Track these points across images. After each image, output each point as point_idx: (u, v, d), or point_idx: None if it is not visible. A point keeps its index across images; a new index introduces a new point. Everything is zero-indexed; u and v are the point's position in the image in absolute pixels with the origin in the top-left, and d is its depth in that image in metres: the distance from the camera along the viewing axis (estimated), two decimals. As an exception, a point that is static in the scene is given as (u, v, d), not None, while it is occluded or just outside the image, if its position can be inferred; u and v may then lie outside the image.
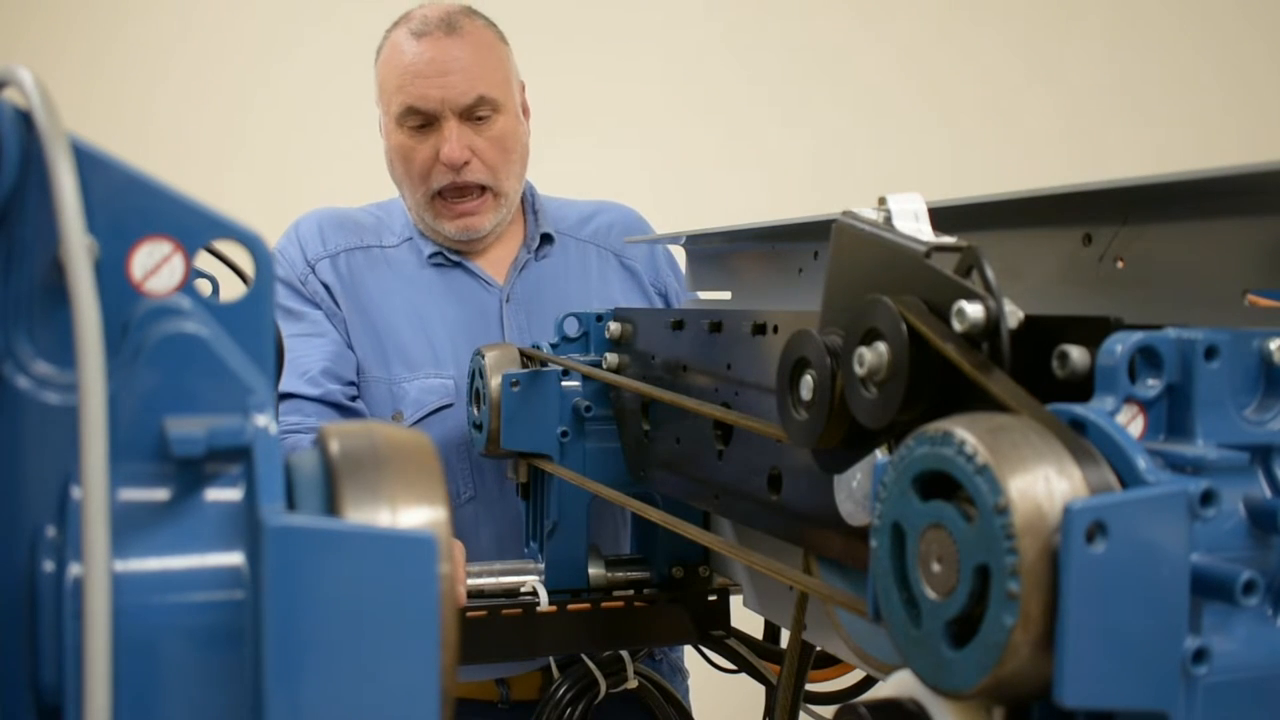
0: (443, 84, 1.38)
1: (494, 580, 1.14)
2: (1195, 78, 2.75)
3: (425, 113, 1.39)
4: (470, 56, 1.40)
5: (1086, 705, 0.42)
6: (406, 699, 0.39)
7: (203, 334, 0.43)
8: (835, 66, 2.79)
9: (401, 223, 1.50)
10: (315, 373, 1.37)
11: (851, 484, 0.70)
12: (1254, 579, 0.42)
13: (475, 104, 1.39)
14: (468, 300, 1.46)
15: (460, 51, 1.40)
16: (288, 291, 1.45)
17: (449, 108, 1.38)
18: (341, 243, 1.48)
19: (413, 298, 1.45)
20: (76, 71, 2.52)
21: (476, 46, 1.42)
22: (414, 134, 1.41)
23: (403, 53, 1.40)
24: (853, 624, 0.84)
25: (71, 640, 0.39)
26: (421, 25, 1.40)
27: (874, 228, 0.61)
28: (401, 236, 1.50)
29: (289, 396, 1.36)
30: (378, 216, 1.53)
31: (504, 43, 1.48)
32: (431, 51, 1.39)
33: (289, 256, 1.47)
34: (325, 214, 1.52)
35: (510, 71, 1.47)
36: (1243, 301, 0.60)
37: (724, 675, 1.26)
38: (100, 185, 0.43)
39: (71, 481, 0.41)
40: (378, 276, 1.47)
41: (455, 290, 1.46)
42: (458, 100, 1.38)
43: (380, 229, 1.51)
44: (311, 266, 1.45)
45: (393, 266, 1.47)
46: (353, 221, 1.51)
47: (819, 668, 1.13)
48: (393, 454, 0.44)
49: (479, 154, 1.41)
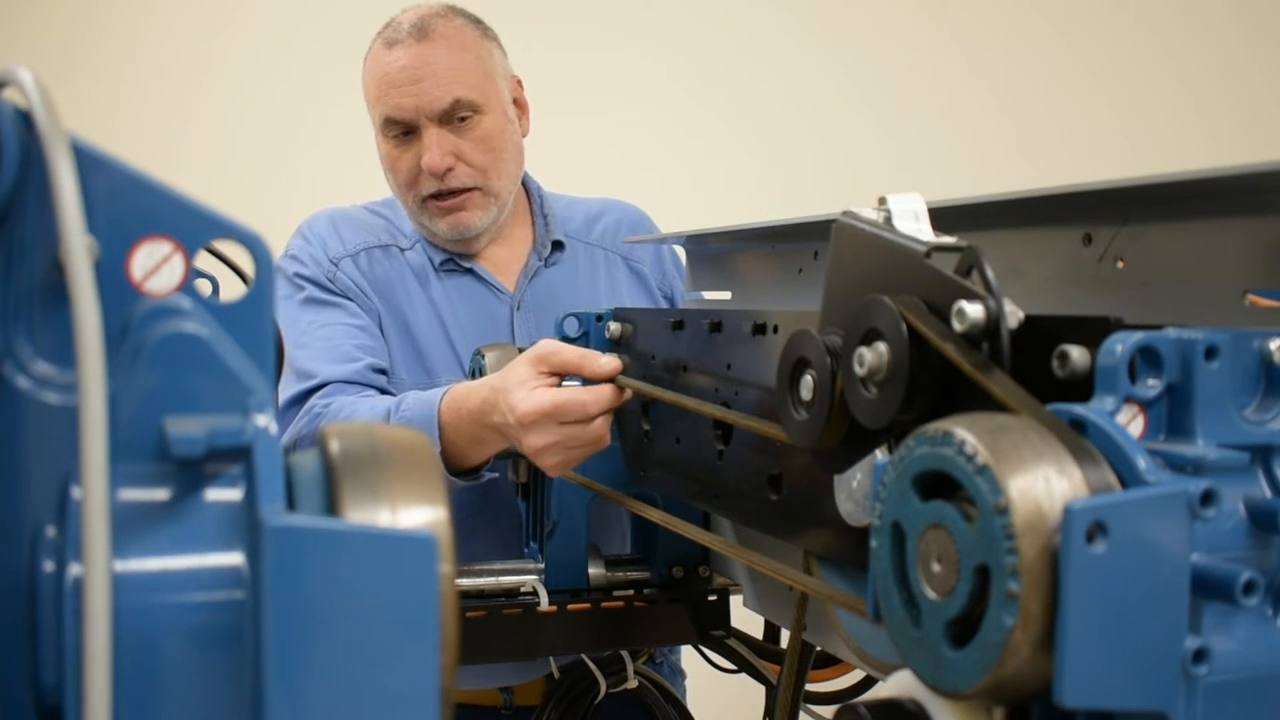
0: (415, 91, 1.36)
1: (494, 580, 1.14)
2: (1196, 77, 2.75)
3: (403, 122, 1.37)
4: (444, 60, 1.37)
5: (1086, 705, 0.42)
6: (407, 699, 0.39)
7: (203, 334, 0.43)
8: (835, 66, 2.79)
9: (411, 226, 1.49)
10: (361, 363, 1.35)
11: (852, 484, 0.70)
12: (1254, 579, 0.42)
13: (452, 108, 1.37)
14: (479, 307, 1.45)
15: (433, 56, 1.37)
16: (316, 287, 1.42)
17: (424, 115, 1.36)
18: (359, 241, 1.46)
19: (431, 301, 1.44)
20: (75, 71, 2.52)
21: (450, 49, 1.38)
22: (398, 143, 1.39)
23: (378, 63, 1.39)
24: (853, 624, 0.84)
25: (71, 640, 0.39)
26: (394, 33, 1.39)
27: (874, 228, 0.61)
28: (414, 239, 1.48)
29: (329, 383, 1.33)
30: (385, 217, 1.50)
31: (488, 39, 1.45)
32: (404, 60, 1.37)
33: (310, 255, 1.44)
34: (334, 214, 1.50)
35: (494, 68, 1.43)
36: (1243, 301, 0.60)
37: (724, 675, 1.26)
38: (100, 185, 0.43)
39: (71, 481, 0.41)
40: (401, 275, 1.45)
41: (467, 296, 1.45)
42: (432, 106, 1.36)
43: (392, 230, 1.49)
44: (335, 264, 1.43)
45: (411, 267, 1.46)
46: (363, 220, 1.49)
47: (819, 668, 1.13)
48: (393, 454, 0.44)
49: (463, 157, 1.39)
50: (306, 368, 1.34)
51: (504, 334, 1.44)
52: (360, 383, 1.34)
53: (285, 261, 1.45)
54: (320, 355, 1.34)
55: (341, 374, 1.33)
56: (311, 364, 1.34)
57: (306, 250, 1.44)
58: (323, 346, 1.35)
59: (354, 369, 1.34)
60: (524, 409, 1.04)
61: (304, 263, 1.43)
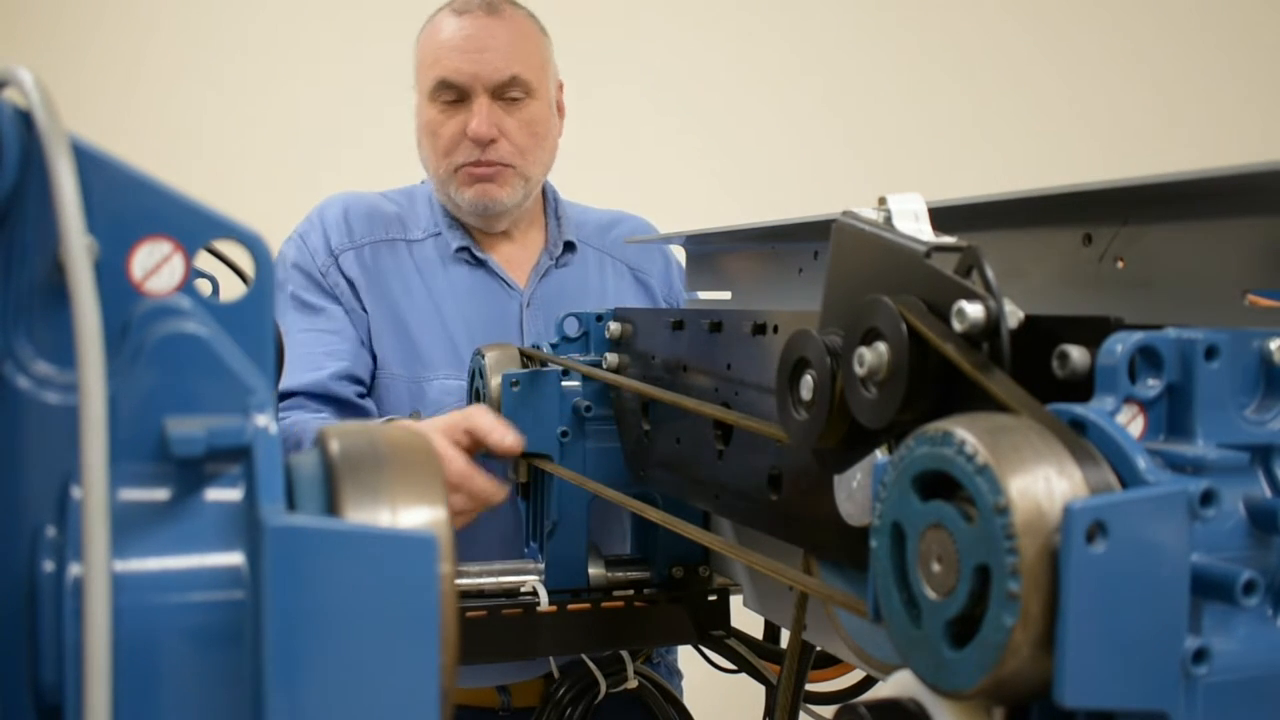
0: (477, 59, 1.38)
1: (494, 580, 1.14)
2: (1195, 77, 2.75)
3: (457, 86, 1.39)
4: (508, 36, 1.41)
5: (1086, 705, 0.42)
6: (406, 698, 0.39)
7: (203, 334, 0.43)
8: (835, 66, 2.79)
9: (427, 215, 1.49)
10: (325, 371, 1.36)
11: (852, 484, 0.70)
12: (1254, 579, 0.42)
13: (508, 83, 1.39)
14: (488, 301, 1.45)
15: (500, 30, 1.40)
16: (305, 282, 1.43)
17: (481, 84, 1.38)
18: (367, 234, 1.46)
19: (435, 295, 1.44)
20: (75, 71, 2.52)
21: (515, 29, 1.42)
22: (445, 109, 1.40)
23: (441, 29, 1.41)
24: (853, 624, 0.84)
25: (71, 640, 0.39)
26: (464, 4, 1.42)
27: (874, 228, 0.61)
28: (428, 231, 1.48)
29: (293, 394, 1.34)
30: (402, 205, 1.50)
31: (544, 35, 1.48)
32: (470, 28, 1.39)
33: (311, 244, 1.44)
34: (351, 201, 1.49)
35: (547, 61, 1.47)
36: (1243, 301, 0.60)
37: (724, 675, 1.26)
38: (100, 185, 0.43)
39: (71, 481, 0.41)
40: (401, 271, 1.45)
41: (477, 290, 1.45)
42: (491, 76, 1.38)
43: (405, 220, 1.49)
44: (335, 257, 1.43)
45: (417, 261, 1.46)
46: (378, 211, 1.49)
47: (819, 668, 1.13)
48: (393, 454, 0.44)
49: (507, 134, 1.40)
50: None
51: (513, 330, 1.44)
52: (320, 394, 1.35)
53: (288, 246, 1.46)
54: (289, 364, 1.34)
55: (303, 384, 1.35)
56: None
57: (311, 238, 1.45)
58: (292, 355, 1.35)
59: (316, 379, 1.35)
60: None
61: (305, 249, 1.44)
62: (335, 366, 1.37)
